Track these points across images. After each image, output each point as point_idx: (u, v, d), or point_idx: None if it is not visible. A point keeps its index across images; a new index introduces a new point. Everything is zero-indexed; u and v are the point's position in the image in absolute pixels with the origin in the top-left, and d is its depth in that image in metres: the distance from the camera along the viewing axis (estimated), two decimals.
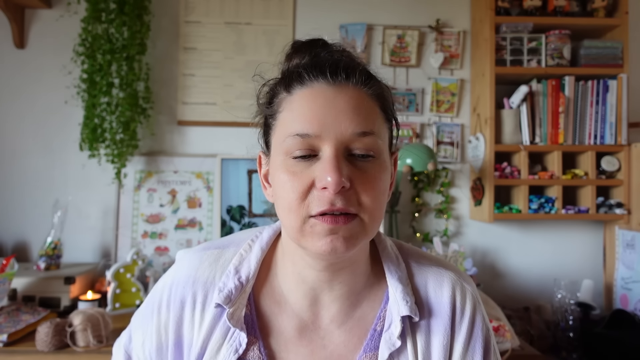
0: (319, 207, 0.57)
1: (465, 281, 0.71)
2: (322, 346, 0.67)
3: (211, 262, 0.71)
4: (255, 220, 2.02)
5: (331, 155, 0.57)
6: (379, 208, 0.60)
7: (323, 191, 0.57)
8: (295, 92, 0.61)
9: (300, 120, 0.59)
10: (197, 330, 0.68)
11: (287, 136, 0.60)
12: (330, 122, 0.58)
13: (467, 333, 0.67)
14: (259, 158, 0.72)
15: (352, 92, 0.60)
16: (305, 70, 0.61)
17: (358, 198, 0.58)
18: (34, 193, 2.03)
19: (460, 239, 2.10)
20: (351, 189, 0.58)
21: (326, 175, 0.56)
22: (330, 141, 0.58)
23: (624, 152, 1.90)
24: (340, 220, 0.57)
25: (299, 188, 0.58)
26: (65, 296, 1.65)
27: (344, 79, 0.60)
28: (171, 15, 2.09)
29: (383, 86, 0.65)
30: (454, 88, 2.10)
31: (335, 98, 0.59)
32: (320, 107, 0.58)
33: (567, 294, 1.79)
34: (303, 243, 0.59)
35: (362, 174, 0.59)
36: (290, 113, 0.61)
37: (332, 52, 0.64)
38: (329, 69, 0.60)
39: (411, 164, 1.84)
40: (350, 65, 0.62)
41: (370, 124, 0.59)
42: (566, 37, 1.93)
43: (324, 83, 0.60)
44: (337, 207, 0.56)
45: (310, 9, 2.11)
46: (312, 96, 0.60)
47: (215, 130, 2.09)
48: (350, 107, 0.59)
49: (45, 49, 2.04)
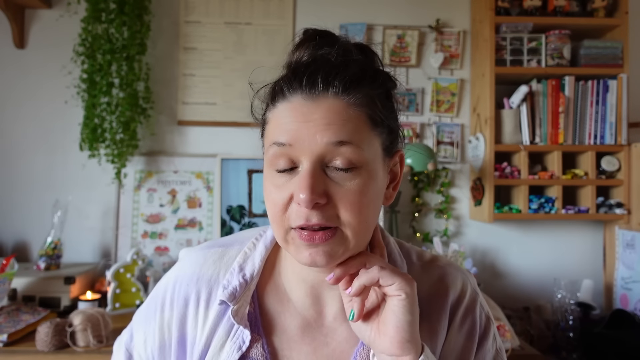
0: (297, 222, 0.58)
1: (464, 275, 0.72)
2: (325, 343, 0.67)
3: (215, 260, 0.71)
4: (255, 220, 2.02)
5: (307, 170, 0.57)
6: (362, 221, 0.59)
7: (300, 206, 0.57)
8: (278, 104, 0.62)
9: (278, 131, 0.60)
10: (201, 328, 0.68)
11: (269, 145, 0.61)
12: (305, 135, 0.57)
13: (462, 321, 0.68)
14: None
15: (330, 104, 0.58)
16: (285, 84, 0.61)
17: (336, 212, 0.57)
18: (34, 193, 2.03)
19: (460, 239, 2.10)
20: (329, 203, 0.57)
21: (299, 192, 0.56)
22: (306, 154, 0.57)
23: (624, 152, 1.90)
24: (317, 237, 0.57)
25: (279, 201, 0.59)
26: (65, 296, 1.65)
27: (322, 90, 0.59)
28: (171, 15, 2.09)
29: (373, 90, 0.61)
30: (454, 88, 2.10)
31: (311, 112, 0.58)
32: (296, 120, 0.58)
33: (567, 294, 1.79)
34: (289, 251, 0.61)
35: (341, 188, 0.58)
36: (272, 124, 0.62)
37: (325, 55, 0.62)
38: (305, 81, 0.59)
39: (411, 164, 1.84)
40: (331, 73, 0.59)
41: (348, 133, 0.57)
42: (566, 37, 1.93)
43: (301, 97, 0.59)
44: (312, 222, 0.57)
45: (310, 9, 2.11)
46: (291, 109, 0.59)
47: (215, 130, 2.09)
48: (326, 119, 0.57)
49: (45, 49, 2.04)
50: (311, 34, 0.65)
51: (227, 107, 2.09)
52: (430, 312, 0.67)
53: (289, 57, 0.66)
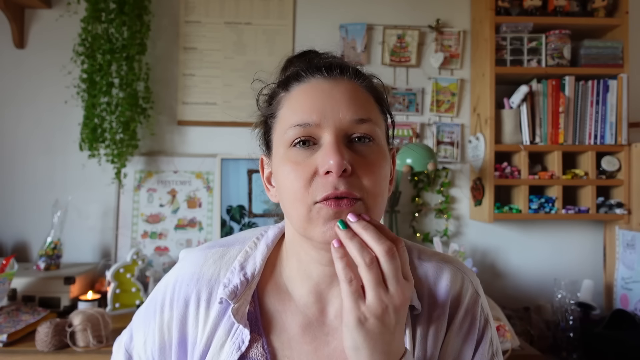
0: (323, 192, 0.58)
1: (465, 273, 0.71)
2: (326, 342, 0.67)
3: (216, 260, 0.71)
4: (255, 220, 2.02)
5: (332, 141, 0.59)
6: (381, 193, 0.61)
7: (326, 176, 0.58)
8: (293, 89, 0.65)
9: (299, 112, 0.61)
10: (202, 328, 0.68)
11: (287, 128, 0.62)
12: (329, 110, 0.60)
13: (462, 321, 0.67)
14: (261, 161, 0.73)
15: (347, 84, 0.63)
16: (302, 69, 0.65)
17: (360, 182, 0.59)
18: (34, 193, 2.03)
19: (460, 239, 2.10)
20: (353, 174, 0.59)
21: (328, 159, 0.57)
22: (330, 128, 0.60)
23: (624, 152, 1.90)
24: (344, 203, 0.58)
25: (302, 175, 0.59)
26: (65, 296, 1.65)
27: (339, 73, 0.64)
28: (171, 15, 2.09)
29: (376, 81, 0.69)
30: (454, 88, 2.10)
31: (332, 89, 0.62)
32: (318, 98, 0.61)
33: (567, 294, 1.79)
34: (309, 232, 0.60)
35: (362, 158, 0.60)
36: (289, 107, 0.64)
37: (325, 57, 0.69)
38: (323, 65, 0.64)
39: (411, 164, 1.84)
40: (343, 62, 0.66)
41: (367, 112, 0.62)
42: (566, 37, 1.93)
43: (320, 77, 0.64)
44: (340, 190, 0.58)
45: (310, 9, 2.11)
46: (310, 89, 0.63)
47: (215, 130, 2.09)
48: (346, 97, 0.62)
49: (45, 49, 2.04)
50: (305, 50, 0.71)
51: (227, 107, 2.09)
52: (430, 310, 0.67)
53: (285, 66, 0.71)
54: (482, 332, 0.68)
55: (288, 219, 0.67)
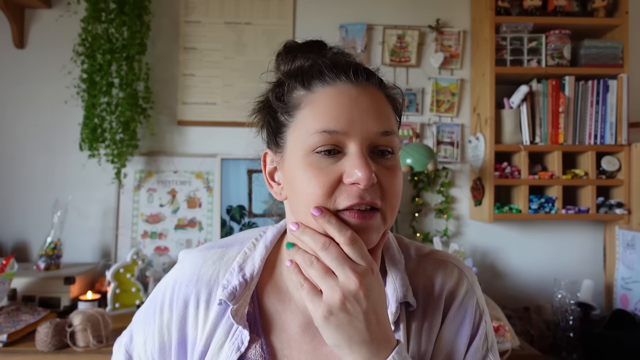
0: (348, 201, 0.58)
1: (462, 269, 0.71)
2: (325, 342, 0.67)
3: (215, 261, 0.71)
4: (255, 220, 2.02)
5: (359, 152, 0.58)
6: (396, 205, 0.62)
7: (352, 186, 0.58)
8: (316, 89, 0.62)
9: (326, 118, 0.60)
10: (201, 328, 0.68)
11: (312, 133, 0.60)
12: (357, 119, 0.59)
13: (455, 315, 0.67)
14: (263, 156, 0.70)
15: (373, 93, 0.62)
16: (327, 68, 0.62)
17: (382, 194, 0.60)
18: (34, 193, 2.03)
19: (460, 239, 2.10)
20: (376, 184, 0.59)
21: (357, 170, 0.57)
22: (357, 138, 0.59)
23: (624, 152, 1.90)
24: (368, 215, 0.58)
25: (326, 183, 0.58)
26: (65, 296, 1.65)
27: (365, 79, 0.62)
28: (171, 15, 2.09)
29: (394, 88, 0.68)
30: (454, 88, 2.10)
31: (359, 97, 0.61)
32: (346, 105, 0.60)
33: (567, 294, 1.79)
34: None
35: (385, 170, 0.61)
36: (313, 110, 0.61)
37: (338, 54, 0.67)
38: (351, 69, 0.62)
39: (411, 164, 1.84)
40: (368, 68, 0.65)
41: (391, 124, 0.62)
42: (566, 37, 1.93)
43: (348, 82, 0.61)
44: (366, 200, 0.58)
45: (310, 9, 2.11)
46: (337, 94, 0.61)
47: (215, 130, 2.09)
48: (373, 107, 0.61)
49: (45, 49, 2.04)
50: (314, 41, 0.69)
51: (227, 107, 2.09)
52: (425, 305, 0.67)
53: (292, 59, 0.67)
54: (477, 326, 0.68)
55: (296, 219, 0.66)
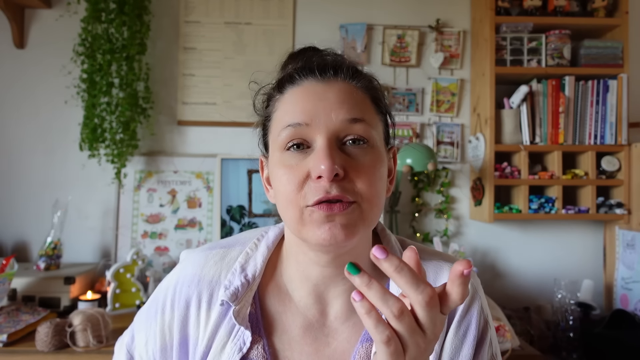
0: (315, 196, 0.58)
1: None
2: (326, 343, 0.67)
3: (217, 261, 0.71)
4: (255, 220, 2.02)
5: (324, 145, 0.58)
6: (376, 195, 0.60)
7: (318, 181, 0.58)
8: (286, 91, 0.64)
9: (291, 113, 0.61)
10: (203, 329, 0.68)
11: (280, 130, 0.62)
12: (321, 112, 0.60)
13: (461, 321, 0.66)
14: (260, 162, 0.73)
15: (341, 85, 0.63)
16: (296, 71, 0.64)
17: (354, 186, 0.59)
18: (34, 193, 2.03)
19: (460, 239, 2.10)
20: (346, 177, 0.59)
21: (319, 163, 0.57)
22: (322, 131, 0.59)
23: (624, 152, 1.90)
24: (336, 207, 0.57)
25: (294, 180, 0.59)
26: (65, 296, 1.65)
27: (332, 75, 0.63)
28: (171, 15, 2.09)
29: (373, 80, 0.67)
30: (454, 88, 2.10)
31: (325, 92, 0.61)
32: (310, 100, 0.61)
33: (567, 294, 1.79)
34: (304, 234, 0.60)
35: (355, 162, 0.60)
36: (282, 110, 0.64)
37: (322, 55, 0.68)
38: (317, 67, 0.63)
39: (411, 164, 1.84)
40: (338, 62, 0.65)
41: (361, 112, 0.61)
42: (566, 37, 1.93)
43: (313, 80, 0.63)
44: (332, 194, 0.57)
45: (310, 9, 2.11)
46: (303, 91, 0.62)
47: (215, 130, 2.09)
48: (340, 98, 0.61)
49: (45, 49, 2.04)
50: (305, 47, 0.71)
51: (227, 107, 2.09)
52: None
53: (285, 63, 0.70)
54: (482, 333, 0.67)
55: (284, 223, 0.67)
